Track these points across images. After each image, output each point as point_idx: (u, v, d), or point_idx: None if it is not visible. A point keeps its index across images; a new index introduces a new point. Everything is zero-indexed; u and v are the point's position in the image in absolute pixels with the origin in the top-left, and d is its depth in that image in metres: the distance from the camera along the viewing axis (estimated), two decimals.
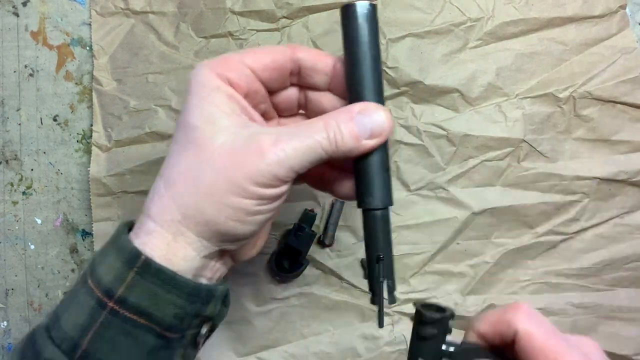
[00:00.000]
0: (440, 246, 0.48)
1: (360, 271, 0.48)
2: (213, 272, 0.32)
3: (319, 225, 0.48)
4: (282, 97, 0.35)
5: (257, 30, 0.48)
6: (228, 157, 0.28)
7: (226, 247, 0.31)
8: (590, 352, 0.31)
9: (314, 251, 0.48)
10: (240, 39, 0.48)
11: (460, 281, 0.48)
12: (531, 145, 0.48)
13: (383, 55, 0.48)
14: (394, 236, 0.48)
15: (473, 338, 0.33)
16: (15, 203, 0.49)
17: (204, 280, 0.31)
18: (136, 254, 0.28)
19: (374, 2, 0.31)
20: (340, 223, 0.48)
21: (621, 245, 0.48)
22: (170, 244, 0.29)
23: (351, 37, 0.31)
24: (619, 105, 0.48)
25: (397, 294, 0.32)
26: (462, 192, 0.48)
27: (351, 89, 0.31)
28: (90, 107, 0.49)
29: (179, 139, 0.30)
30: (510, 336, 0.30)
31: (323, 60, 0.33)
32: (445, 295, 0.48)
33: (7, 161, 0.49)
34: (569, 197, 0.48)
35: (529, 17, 0.47)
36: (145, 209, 0.30)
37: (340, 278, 0.48)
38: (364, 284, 0.48)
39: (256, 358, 0.48)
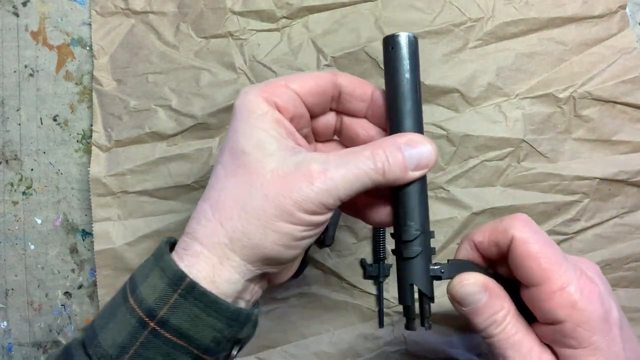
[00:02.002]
0: (440, 246, 0.48)
1: (360, 271, 0.48)
2: (251, 295, 0.33)
3: None
4: (321, 122, 0.35)
5: (257, 30, 0.48)
6: (278, 183, 0.28)
7: (269, 270, 0.31)
8: (588, 268, 0.31)
9: (314, 251, 0.48)
10: (240, 39, 0.48)
11: None
12: (531, 146, 0.48)
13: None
14: None
15: (466, 251, 0.33)
16: (15, 203, 0.49)
17: (242, 303, 0.32)
18: (181, 276, 0.29)
19: (415, 35, 0.33)
20: (340, 223, 0.48)
21: (621, 245, 0.48)
22: (216, 266, 0.29)
23: (393, 66, 0.32)
24: (619, 105, 0.48)
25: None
26: (462, 192, 0.48)
27: (392, 118, 0.32)
28: (90, 107, 0.49)
29: (227, 163, 0.30)
30: (506, 243, 0.30)
31: (363, 87, 0.34)
32: (446, 295, 0.48)
33: (7, 161, 0.49)
34: (569, 197, 0.48)
35: (529, 17, 0.47)
36: (191, 231, 0.30)
37: (340, 278, 0.48)
38: (364, 284, 0.48)
39: (256, 358, 0.48)
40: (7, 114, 0.49)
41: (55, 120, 0.49)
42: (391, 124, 0.32)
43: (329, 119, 0.36)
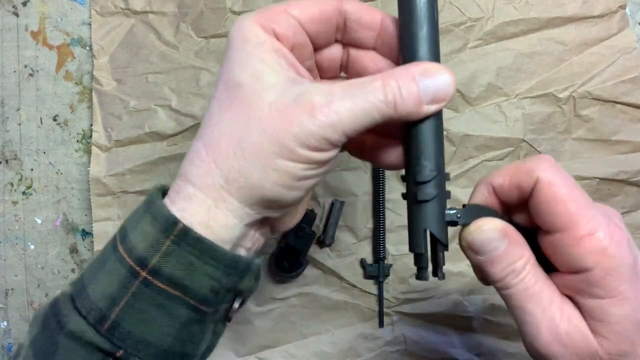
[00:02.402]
0: None
1: (360, 271, 0.48)
2: (252, 242, 0.30)
3: (319, 225, 0.48)
4: (325, 55, 0.32)
5: None
6: (277, 116, 0.26)
7: (269, 214, 0.28)
8: (613, 215, 0.29)
9: (314, 251, 0.48)
10: None
11: (460, 281, 0.48)
12: (531, 145, 0.48)
13: None
14: (394, 236, 0.48)
15: (482, 196, 0.30)
16: (15, 203, 0.49)
17: (242, 251, 0.30)
18: (173, 221, 0.26)
19: None
20: (340, 223, 0.48)
21: None
22: (211, 209, 0.27)
23: None
24: (618, 105, 0.48)
25: (428, 274, 0.30)
26: (462, 192, 0.48)
27: (405, 45, 0.28)
28: (90, 107, 0.49)
29: (221, 98, 0.27)
30: (529, 186, 0.28)
31: (371, 14, 0.30)
32: (445, 295, 0.48)
33: (7, 161, 0.49)
34: None
35: (529, 17, 0.47)
36: (183, 172, 0.28)
37: (340, 278, 0.48)
38: (364, 284, 0.48)
39: (256, 358, 0.48)
40: (7, 114, 0.49)
41: (55, 120, 0.49)
42: (404, 53, 0.28)
43: (334, 52, 0.32)
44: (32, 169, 0.49)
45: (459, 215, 0.28)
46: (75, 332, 0.27)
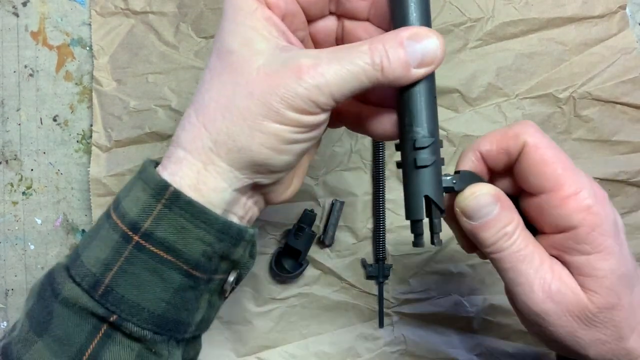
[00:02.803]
0: (440, 247, 0.48)
1: (360, 271, 0.48)
2: (244, 211, 0.31)
3: (319, 225, 0.48)
4: (319, 27, 0.32)
5: None
6: (264, 80, 0.26)
7: (259, 180, 0.29)
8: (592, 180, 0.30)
9: (314, 251, 0.48)
10: None
11: (460, 281, 0.48)
12: None
13: None
14: (394, 236, 0.48)
15: (470, 162, 0.31)
16: (15, 203, 0.49)
17: (234, 219, 0.30)
18: (164, 185, 0.27)
19: None
20: (340, 223, 0.48)
21: None
22: (201, 172, 0.27)
23: None
24: (618, 105, 0.48)
25: (430, 241, 0.30)
26: None
27: (396, 13, 0.28)
28: (90, 107, 0.49)
29: (213, 65, 0.28)
30: (517, 150, 0.29)
31: None
32: (446, 295, 0.48)
33: (7, 161, 0.49)
34: None
35: (528, 17, 0.47)
36: (175, 137, 0.28)
37: (340, 278, 0.48)
38: (364, 284, 0.49)
39: (256, 358, 0.48)
40: (7, 114, 0.49)
41: (55, 120, 0.49)
42: (395, 19, 0.28)
43: (328, 24, 0.32)
44: (32, 169, 0.49)
45: (454, 181, 0.29)
46: (69, 298, 0.27)
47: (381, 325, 0.48)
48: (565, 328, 0.28)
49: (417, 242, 0.30)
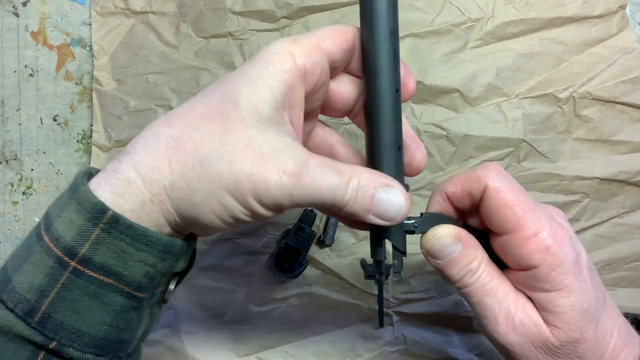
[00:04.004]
0: None
1: (360, 271, 0.48)
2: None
3: (319, 225, 0.48)
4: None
5: (257, 30, 0.48)
6: (249, 158, 0.26)
7: (193, 230, 0.29)
8: (556, 214, 0.32)
9: (314, 251, 0.48)
10: (240, 39, 0.48)
11: None
12: (531, 146, 0.48)
13: None
14: None
15: (438, 204, 0.33)
16: (15, 203, 0.49)
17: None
18: (102, 209, 0.25)
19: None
20: (340, 223, 0.48)
21: (621, 245, 0.48)
22: (146, 203, 0.26)
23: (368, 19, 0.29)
24: (619, 105, 0.48)
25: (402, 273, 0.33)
26: None
27: (375, 152, 0.30)
28: (90, 107, 0.49)
29: (212, 102, 0.27)
30: (479, 192, 0.30)
31: (345, 38, 0.30)
32: (446, 295, 0.48)
33: (7, 161, 0.49)
34: (569, 197, 0.48)
35: (528, 17, 0.47)
36: (131, 150, 0.27)
37: (340, 278, 0.48)
38: (364, 284, 0.49)
39: (256, 358, 0.48)
40: (7, 114, 0.49)
41: (55, 120, 0.49)
42: (371, 153, 0.30)
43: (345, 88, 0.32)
44: (32, 169, 0.49)
45: (416, 225, 0.31)
46: (2, 326, 0.26)
47: (381, 325, 0.48)
48: (530, 358, 0.30)
49: (380, 280, 0.33)
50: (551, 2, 0.48)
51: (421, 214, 0.32)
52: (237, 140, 0.26)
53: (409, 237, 0.50)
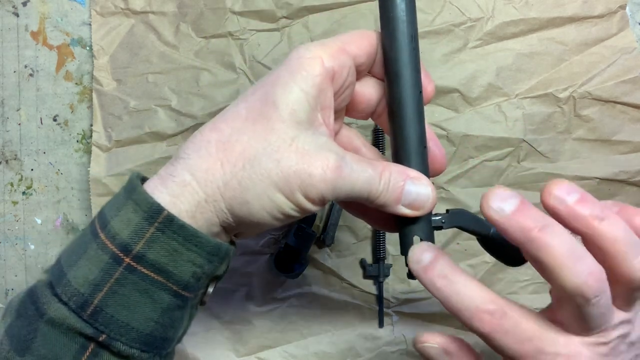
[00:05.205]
0: (441, 246, 0.48)
1: (360, 271, 0.48)
2: (223, 239, 0.32)
3: (319, 225, 0.48)
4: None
5: (257, 30, 0.48)
6: (294, 156, 0.28)
7: (242, 229, 0.30)
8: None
9: (314, 251, 0.48)
10: (240, 39, 0.48)
11: None
12: (531, 146, 0.48)
13: None
14: (394, 236, 0.48)
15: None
16: (15, 203, 0.49)
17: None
18: (158, 209, 0.27)
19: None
20: (340, 223, 0.48)
21: None
22: (201, 203, 0.28)
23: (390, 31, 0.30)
24: (619, 105, 0.48)
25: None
26: (462, 192, 0.48)
27: (400, 147, 0.31)
28: (90, 107, 0.49)
29: (253, 106, 0.29)
30: None
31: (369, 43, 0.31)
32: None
33: (7, 161, 0.49)
34: None
35: (528, 17, 0.47)
36: (184, 155, 0.29)
37: (340, 278, 0.48)
38: (364, 284, 0.49)
39: (256, 358, 0.48)
40: (7, 114, 0.49)
41: (55, 120, 0.49)
42: (398, 149, 0.31)
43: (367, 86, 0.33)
44: (32, 169, 0.49)
45: (443, 221, 0.32)
46: (56, 319, 0.27)
47: (381, 325, 0.48)
48: None
49: (411, 275, 0.32)
50: (551, 2, 0.48)
51: (447, 210, 0.32)
52: (281, 140, 0.28)
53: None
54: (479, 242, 0.35)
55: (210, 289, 0.31)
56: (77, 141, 0.50)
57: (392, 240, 0.48)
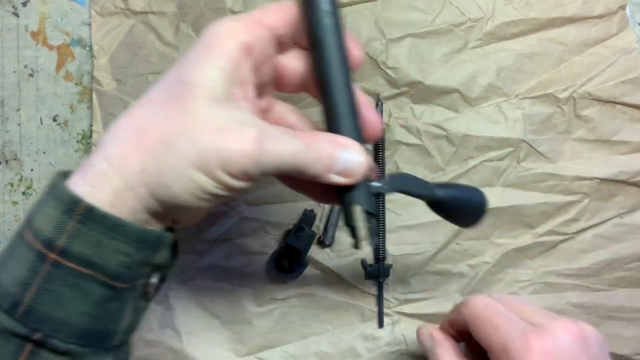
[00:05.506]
0: (440, 246, 0.48)
1: (360, 271, 0.48)
2: (157, 226, 0.31)
3: (319, 225, 0.48)
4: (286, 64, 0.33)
5: None
6: (210, 133, 0.27)
7: (172, 213, 0.29)
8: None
9: (314, 251, 0.48)
10: None
11: (460, 281, 0.48)
12: (531, 146, 0.48)
13: (383, 55, 0.48)
14: (394, 236, 0.48)
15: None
16: (15, 203, 0.49)
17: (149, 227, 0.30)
18: (76, 201, 0.26)
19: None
20: (340, 223, 0.48)
21: (621, 245, 0.48)
22: (121, 192, 0.27)
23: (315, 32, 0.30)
24: (618, 105, 0.48)
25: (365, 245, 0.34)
26: None
27: (330, 113, 0.31)
28: (90, 107, 0.49)
29: (166, 88, 0.29)
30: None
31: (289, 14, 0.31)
32: (446, 295, 0.48)
33: (7, 161, 0.49)
34: (569, 198, 0.48)
35: (528, 17, 0.48)
36: (100, 146, 0.28)
37: (340, 278, 0.48)
38: (364, 284, 0.49)
39: (256, 358, 0.48)
40: (7, 114, 0.49)
41: (55, 120, 0.49)
42: (329, 117, 0.31)
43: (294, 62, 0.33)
44: (32, 169, 0.49)
45: (384, 187, 0.32)
46: None
47: (381, 325, 0.48)
48: None
49: (356, 245, 0.32)
50: (551, 2, 0.48)
51: (388, 175, 0.32)
52: (196, 119, 0.27)
53: (401, 237, 0.50)
54: (427, 205, 0.36)
55: (154, 280, 0.30)
56: (77, 141, 0.50)
57: (392, 241, 0.48)
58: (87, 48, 0.49)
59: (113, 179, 0.27)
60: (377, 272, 0.48)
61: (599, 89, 0.47)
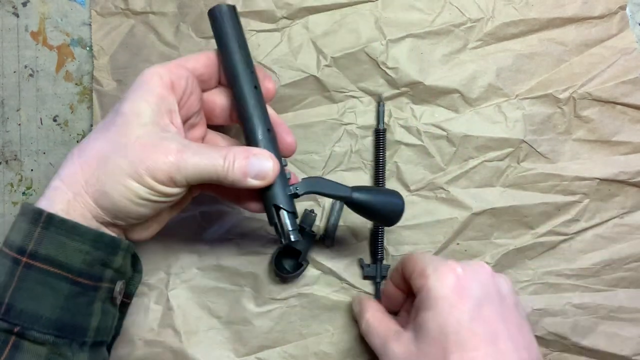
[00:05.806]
0: (440, 246, 0.48)
1: (360, 271, 0.49)
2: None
3: (319, 225, 0.48)
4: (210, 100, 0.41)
5: (257, 31, 0.48)
6: (139, 149, 0.33)
7: (118, 222, 0.35)
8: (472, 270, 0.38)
9: (314, 251, 0.48)
10: None
11: None
12: (531, 146, 0.48)
13: (383, 56, 0.48)
14: (394, 236, 0.48)
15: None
16: (15, 203, 0.49)
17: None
18: (39, 211, 0.32)
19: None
20: (340, 223, 0.48)
21: (621, 245, 0.48)
22: (71, 202, 0.33)
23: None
24: (618, 106, 0.48)
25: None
26: (462, 193, 0.48)
27: (248, 132, 0.37)
28: (90, 107, 0.49)
29: (107, 120, 0.35)
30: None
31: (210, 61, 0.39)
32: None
33: (7, 161, 0.49)
34: (569, 198, 0.48)
35: (528, 17, 0.48)
36: (58, 170, 0.35)
37: (340, 278, 0.48)
38: (364, 284, 0.49)
39: (256, 358, 0.48)
40: (7, 114, 0.49)
41: (55, 120, 0.49)
42: (247, 133, 0.38)
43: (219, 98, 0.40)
44: (32, 170, 0.49)
45: (297, 188, 0.37)
46: None
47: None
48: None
49: (281, 240, 0.37)
50: (551, 3, 0.48)
51: (302, 179, 0.38)
52: (128, 139, 0.33)
53: (400, 237, 0.50)
54: (346, 205, 0.40)
55: (117, 287, 0.36)
56: (77, 141, 0.50)
57: (392, 241, 0.48)
58: (87, 48, 0.49)
59: (65, 192, 0.33)
60: (374, 272, 0.48)
61: (599, 89, 0.47)
